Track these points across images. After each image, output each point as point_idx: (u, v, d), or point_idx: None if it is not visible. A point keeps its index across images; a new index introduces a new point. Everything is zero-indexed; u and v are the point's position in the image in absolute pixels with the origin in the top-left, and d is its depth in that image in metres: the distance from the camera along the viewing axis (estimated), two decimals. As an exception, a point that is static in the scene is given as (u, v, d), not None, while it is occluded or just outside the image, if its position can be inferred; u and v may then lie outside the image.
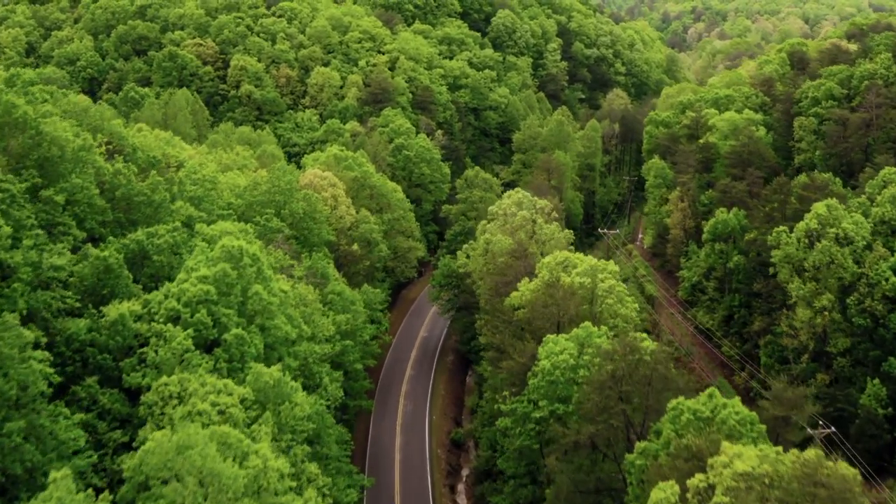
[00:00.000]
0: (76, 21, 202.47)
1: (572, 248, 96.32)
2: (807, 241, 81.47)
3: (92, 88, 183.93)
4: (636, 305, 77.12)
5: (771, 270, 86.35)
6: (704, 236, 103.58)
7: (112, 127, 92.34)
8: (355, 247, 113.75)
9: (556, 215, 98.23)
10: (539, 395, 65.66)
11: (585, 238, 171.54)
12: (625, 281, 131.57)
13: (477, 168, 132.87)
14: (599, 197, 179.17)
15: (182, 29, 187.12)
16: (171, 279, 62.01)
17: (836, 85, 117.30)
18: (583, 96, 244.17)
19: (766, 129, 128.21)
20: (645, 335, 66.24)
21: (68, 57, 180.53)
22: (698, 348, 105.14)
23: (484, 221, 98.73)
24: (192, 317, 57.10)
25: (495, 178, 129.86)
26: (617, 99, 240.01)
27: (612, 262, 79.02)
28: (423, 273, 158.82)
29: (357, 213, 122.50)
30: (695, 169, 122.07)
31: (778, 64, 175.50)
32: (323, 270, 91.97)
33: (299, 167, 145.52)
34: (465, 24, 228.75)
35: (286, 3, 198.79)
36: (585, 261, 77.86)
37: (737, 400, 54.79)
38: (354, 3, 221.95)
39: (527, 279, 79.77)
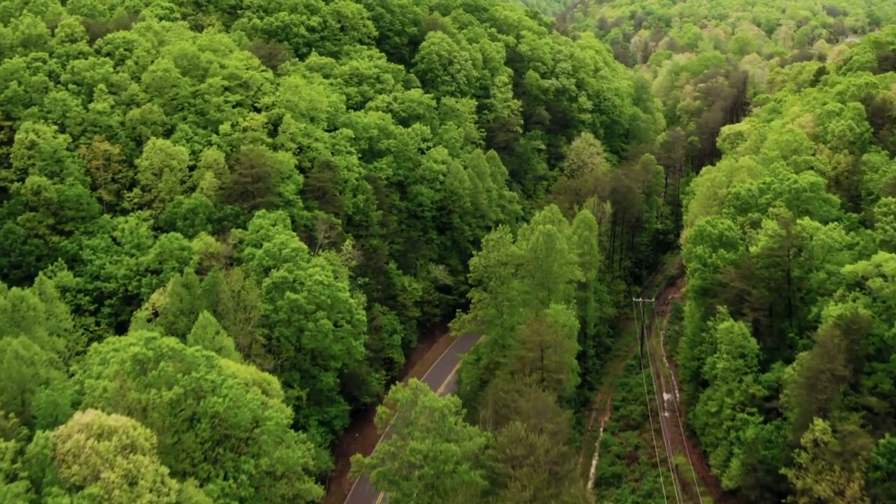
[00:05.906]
0: None
1: None
2: None
3: None
4: None
5: None
6: None
7: None
8: None
9: None
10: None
11: (577, 395, 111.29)
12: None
13: (415, 381, 70.53)
14: (592, 322, 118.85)
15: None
16: None
17: None
18: (542, 146, 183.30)
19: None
20: None
21: None
22: None
23: None
24: None
25: (449, 405, 67.89)
26: (587, 148, 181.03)
27: None
28: (329, 489, 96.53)
29: (180, 485, 60.26)
30: (841, 374, 62.42)
31: (852, 118, 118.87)
32: None
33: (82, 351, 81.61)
34: (383, 54, 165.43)
35: (119, 34, 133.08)
36: None
37: None
38: (225, 28, 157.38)
39: None
